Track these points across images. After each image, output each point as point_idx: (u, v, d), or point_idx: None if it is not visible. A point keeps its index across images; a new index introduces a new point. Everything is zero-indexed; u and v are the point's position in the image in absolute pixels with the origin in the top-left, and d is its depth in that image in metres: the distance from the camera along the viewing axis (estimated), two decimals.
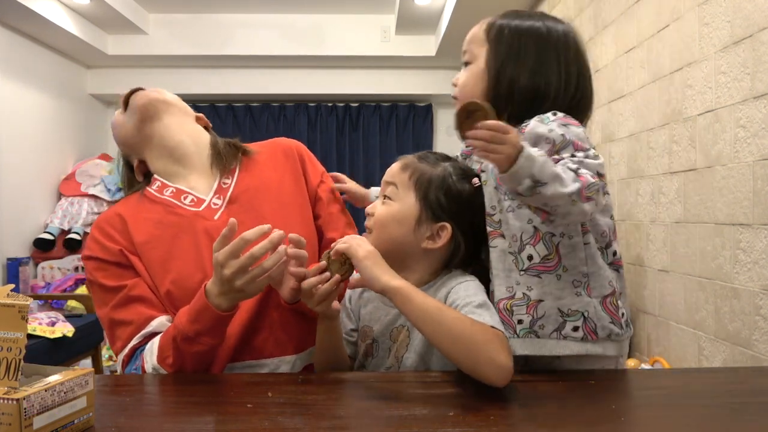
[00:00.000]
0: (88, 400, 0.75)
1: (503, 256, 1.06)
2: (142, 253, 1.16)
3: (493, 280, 1.07)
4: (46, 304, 3.99)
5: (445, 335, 0.89)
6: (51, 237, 4.36)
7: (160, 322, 1.11)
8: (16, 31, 4.11)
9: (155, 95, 1.29)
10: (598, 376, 1.02)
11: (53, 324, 2.97)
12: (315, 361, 1.13)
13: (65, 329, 2.94)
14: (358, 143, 5.62)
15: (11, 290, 0.73)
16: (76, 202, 4.54)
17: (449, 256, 1.08)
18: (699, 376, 1.19)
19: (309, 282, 0.99)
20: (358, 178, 5.60)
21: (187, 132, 1.28)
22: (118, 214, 1.21)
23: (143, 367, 1.08)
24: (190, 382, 1.02)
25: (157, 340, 1.08)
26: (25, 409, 0.66)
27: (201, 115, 1.37)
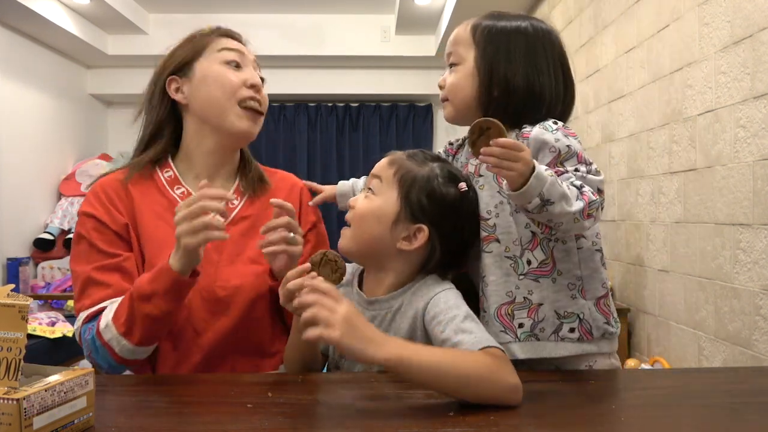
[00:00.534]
0: (88, 400, 0.75)
1: (499, 260, 1.05)
2: (142, 235, 1.18)
3: (487, 286, 1.06)
4: (46, 304, 3.99)
5: (454, 385, 0.84)
6: (51, 237, 4.36)
7: None
8: (16, 31, 4.12)
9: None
10: (598, 376, 1.02)
11: (53, 324, 2.98)
12: (285, 358, 1.11)
13: (65, 329, 2.95)
14: (358, 143, 5.62)
15: (11, 290, 0.73)
16: (76, 202, 4.54)
17: (425, 259, 1.04)
18: (699, 376, 1.19)
19: (295, 283, 0.91)
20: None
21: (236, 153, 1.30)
22: (127, 189, 1.20)
23: (98, 324, 1.08)
24: (191, 382, 1.02)
25: (117, 300, 1.09)
26: (25, 409, 0.66)
27: None
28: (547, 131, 1.03)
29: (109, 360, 1.07)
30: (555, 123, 1.05)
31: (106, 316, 1.07)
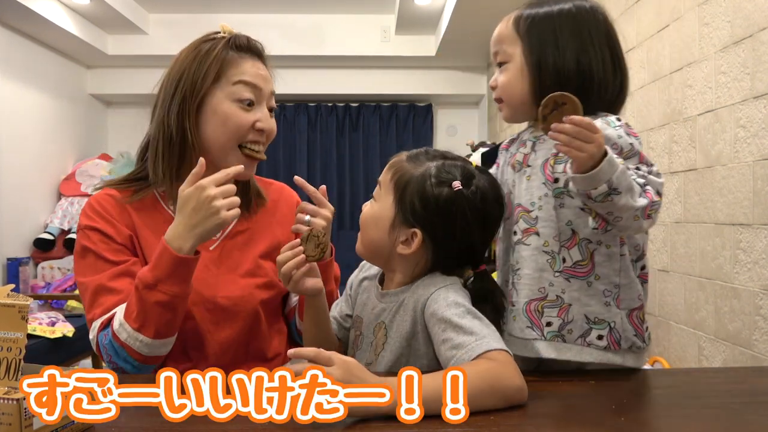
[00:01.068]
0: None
1: (537, 254, 1.03)
2: (144, 248, 1.18)
3: (520, 279, 1.04)
4: (46, 304, 3.99)
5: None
6: (51, 237, 4.36)
7: None
8: (16, 31, 4.12)
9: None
10: (598, 376, 1.02)
11: (53, 324, 2.98)
12: (303, 335, 1.14)
13: (65, 329, 2.94)
14: (358, 143, 5.62)
15: (11, 290, 0.73)
16: (76, 202, 4.54)
17: (427, 260, 1.02)
18: (699, 376, 1.19)
19: (284, 256, 1.02)
20: (358, 178, 5.64)
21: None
22: (123, 206, 1.19)
23: (112, 326, 1.08)
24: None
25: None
26: (25, 409, 0.66)
27: None
28: (609, 126, 1.00)
29: (131, 360, 1.07)
30: (618, 120, 1.02)
31: (118, 317, 1.08)
